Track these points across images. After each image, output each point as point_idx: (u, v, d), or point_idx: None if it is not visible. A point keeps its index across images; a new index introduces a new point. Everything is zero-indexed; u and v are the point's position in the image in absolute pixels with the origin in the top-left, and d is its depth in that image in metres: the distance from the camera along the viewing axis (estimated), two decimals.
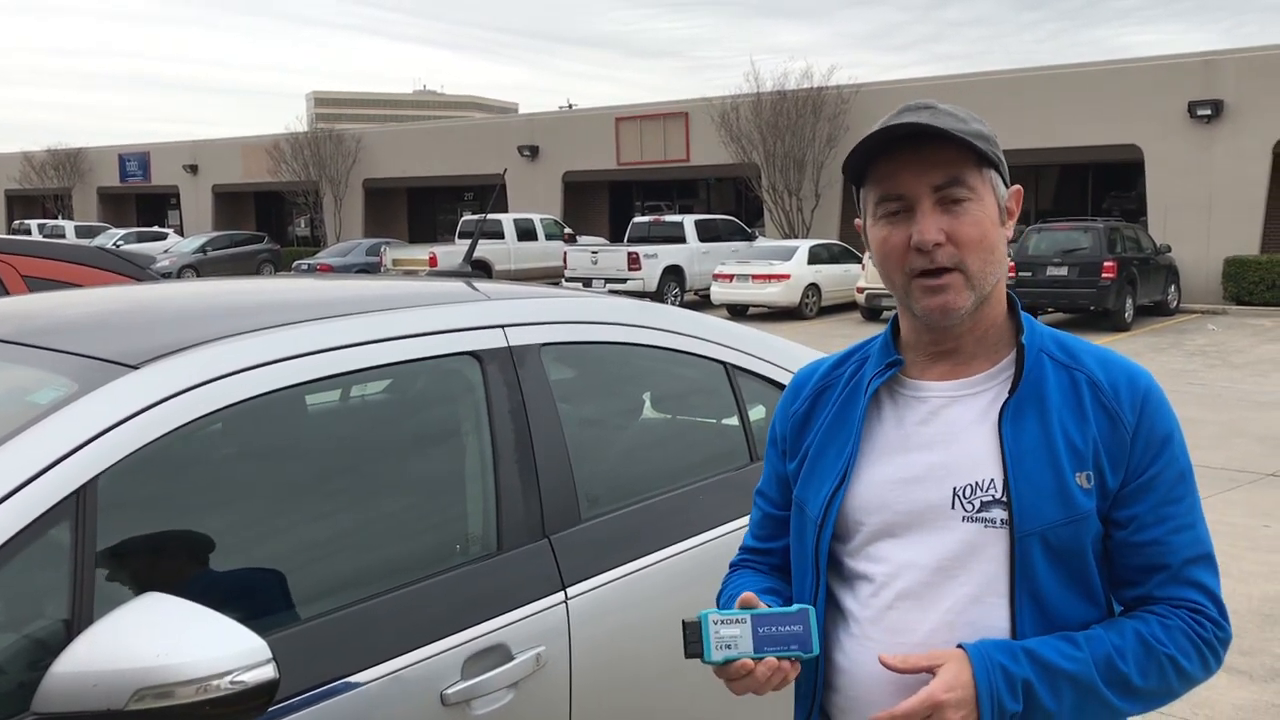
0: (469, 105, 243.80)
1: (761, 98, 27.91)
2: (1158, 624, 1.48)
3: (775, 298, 21.08)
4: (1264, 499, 7.74)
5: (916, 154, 1.48)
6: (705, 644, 1.45)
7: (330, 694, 1.83)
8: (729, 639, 1.45)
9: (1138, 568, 1.50)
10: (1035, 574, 1.47)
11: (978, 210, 1.49)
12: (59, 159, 45.09)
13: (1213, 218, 22.71)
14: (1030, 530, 1.46)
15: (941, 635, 1.49)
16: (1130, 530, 1.49)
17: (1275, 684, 4.64)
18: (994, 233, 1.51)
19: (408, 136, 37.75)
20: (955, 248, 1.48)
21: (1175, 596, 1.49)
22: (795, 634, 1.45)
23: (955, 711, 1.39)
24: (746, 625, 1.45)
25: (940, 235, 1.48)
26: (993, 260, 1.51)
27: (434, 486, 2.22)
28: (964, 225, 1.48)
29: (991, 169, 1.52)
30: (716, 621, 1.46)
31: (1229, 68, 22.64)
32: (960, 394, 1.55)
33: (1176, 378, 13.43)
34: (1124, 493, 1.49)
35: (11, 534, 1.60)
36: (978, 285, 1.50)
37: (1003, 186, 1.55)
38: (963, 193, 1.48)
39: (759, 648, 1.44)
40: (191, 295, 2.43)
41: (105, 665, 1.48)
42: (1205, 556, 1.52)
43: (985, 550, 1.48)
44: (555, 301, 2.57)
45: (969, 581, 1.49)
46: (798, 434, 1.69)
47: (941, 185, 1.48)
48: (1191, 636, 1.48)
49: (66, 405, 1.76)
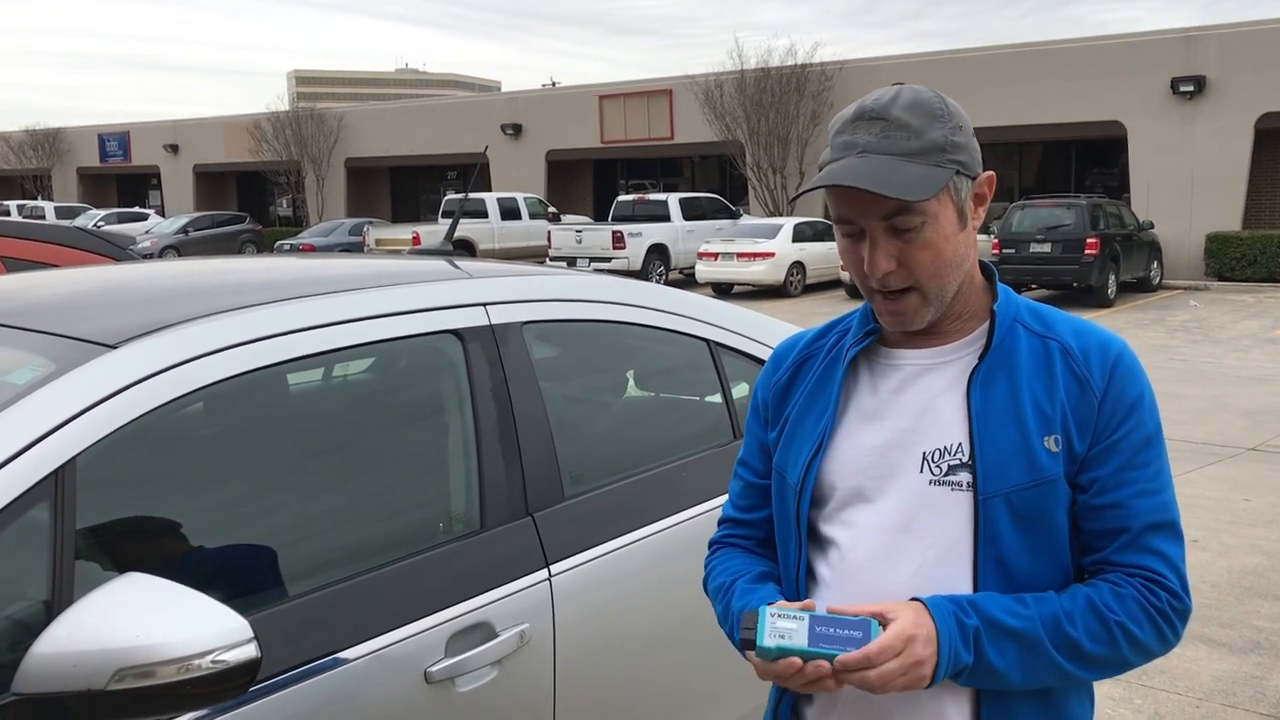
0: (451, 83, 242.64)
1: (745, 75, 27.82)
2: (1109, 591, 1.47)
3: (760, 276, 21.08)
4: (1245, 473, 7.80)
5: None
6: (759, 633, 1.44)
7: (313, 672, 1.83)
8: (784, 630, 1.43)
9: (1097, 532, 1.50)
10: (999, 537, 1.47)
11: (931, 232, 1.48)
12: (37, 139, 44.65)
13: (1195, 194, 22.79)
14: (994, 492, 1.47)
15: (906, 597, 1.49)
16: (1092, 493, 1.49)
17: (1254, 655, 4.69)
18: (949, 246, 1.50)
19: (390, 115, 37.52)
20: (908, 271, 1.49)
21: (1132, 563, 1.48)
22: (854, 638, 1.42)
23: (925, 648, 1.40)
24: (804, 622, 1.44)
25: (890, 264, 1.48)
26: (951, 272, 1.51)
27: (416, 465, 2.21)
28: (915, 250, 1.48)
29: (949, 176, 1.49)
30: (774, 615, 1.45)
31: (1211, 44, 22.67)
32: (933, 362, 1.57)
33: (1159, 353, 13.50)
34: (1089, 455, 1.49)
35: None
36: (935, 300, 1.52)
37: (966, 184, 1.51)
38: (913, 220, 1.47)
39: (813, 643, 1.42)
40: (170, 275, 2.41)
41: (85, 645, 1.47)
42: (1168, 524, 1.50)
43: (950, 513, 1.49)
44: (537, 279, 2.56)
45: (935, 544, 1.50)
46: (779, 403, 1.70)
47: (890, 215, 1.47)
48: (1145, 605, 1.47)
49: (44, 385, 1.75)
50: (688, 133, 30.20)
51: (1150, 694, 4.33)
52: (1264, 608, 5.24)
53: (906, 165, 1.46)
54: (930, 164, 1.47)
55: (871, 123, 1.49)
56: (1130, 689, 4.36)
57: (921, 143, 1.47)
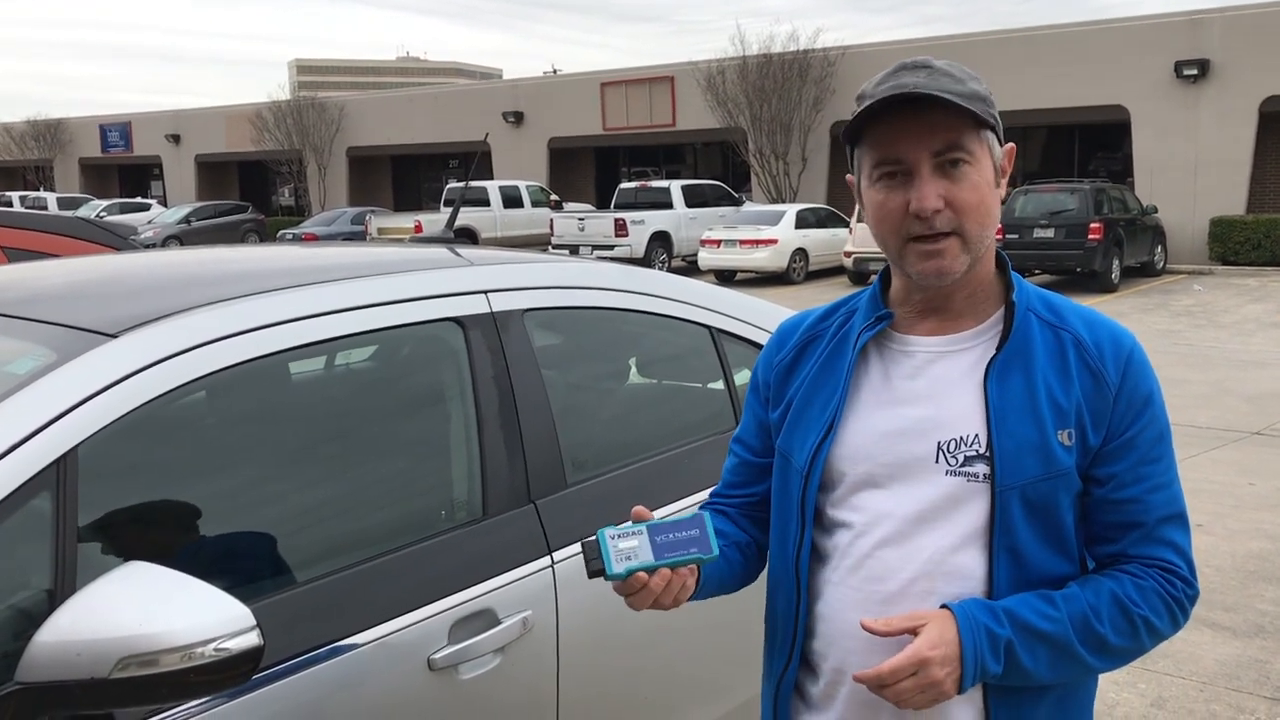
0: (452, 71, 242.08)
1: (748, 61, 27.73)
2: (1131, 584, 1.50)
3: (763, 263, 21.05)
4: (1249, 457, 7.79)
5: (915, 118, 1.47)
6: (605, 560, 1.45)
7: (317, 660, 1.84)
8: (628, 551, 1.46)
9: (1114, 524, 1.53)
10: (1013, 528, 1.49)
11: (975, 174, 1.49)
12: (39, 130, 44.62)
13: (1199, 178, 22.72)
14: (1011, 485, 1.48)
15: (920, 585, 1.51)
16: (1109, 488, 1.51)
17: (1258, 639, 4.70)
18: (990, 195, 1.52)
19: (391, 104, 37.45)
20: (953, 213, 1.49)
21: (1148, 555, 1.52)
22: (693, 538, 1.47)
23: (941, 669, 1.41)
24: (643, 536, 1.47)
25: (939, 202, 1.48)
26: (988, 222, 1.52)
27: (418, 452, 2.21)
28: (963, 190, 1.48)
29: (989, 130, 1.52)
30: (613, 536, 1.47)
31: (1215, 27, 22.57)
32: (947, 350, 1.56)
33: (1163, 338, 13.48)
34: (1104, 451, 1.51)
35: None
36: (973, 248, 1.51)
37: (998, 147, 1.55)
38: (961, 157, 1.48)
39: (659, 555, 1.45)
40: (171, 264, 2.41)
41: (89, 634, 1.47)
42: (1179, 515, 1.54)
43: (966, 503, 1.50)
44: (538, 267, 2.56)
45: (949, 533, 1.51)
46: (782, 383, 1.69)
47: (940, 150, 1.48)
48: (1164, 596, 1.51)
49: (45, 375, 1.75)
50: (690, 119, 30.13)
51: (1154, 678, 4.34)
52: (1268, 591, 5.24)
53: (962, 89, 1.48)
54: (976, 106, 1.49)
55: (915, 70, 1.51)
56: (1134, 673, 4.36)
57: (966, 89, 1.49)
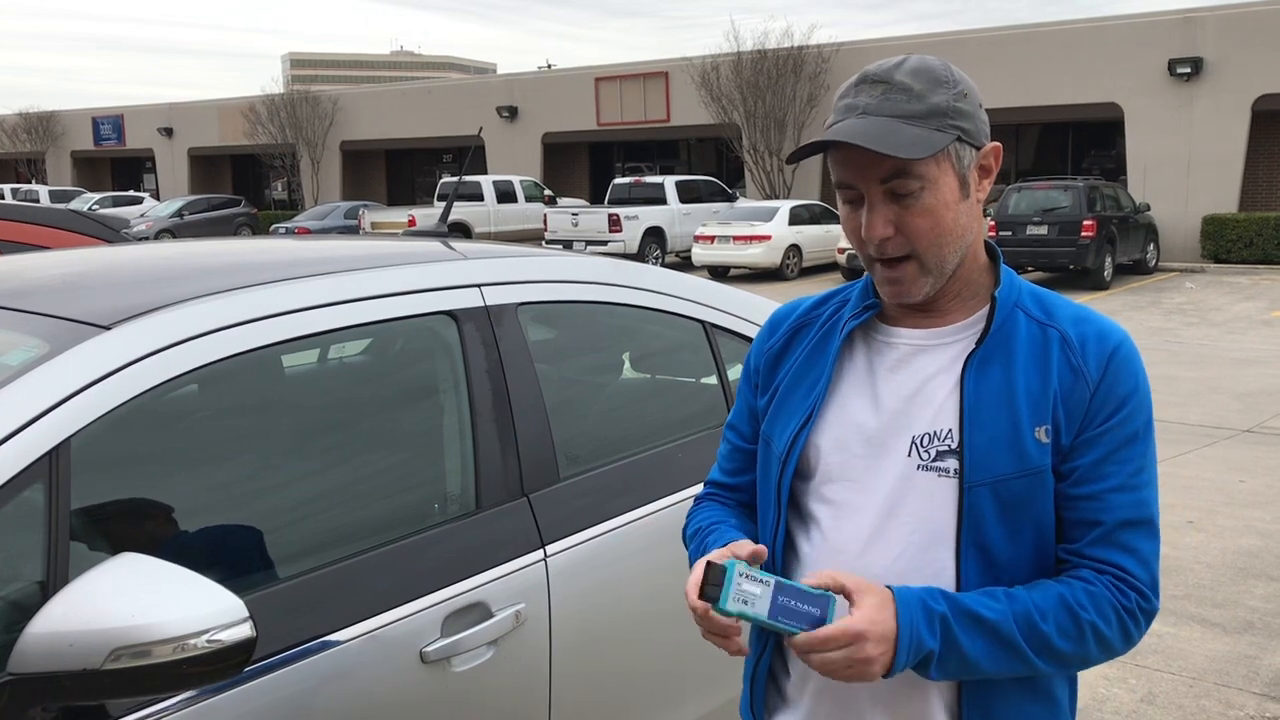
0: (446, 66, 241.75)
1: (742, 57, 27.74)
2: (1082, 589, 1.44)
3: (757, 259, 21.06)
4: (1240, 455, 7.82)
5: (861, 148, 1.43)
6: (725, 593, 1.41)
7: (310, 653, 1.84)
8: (748, 595, 1.40)
9: (1074, 522, 1.47)
10: (983, 525, 1.46)
11: (930, 198, 1.45)
12: (31, 122, 44.47)
13: (1191, 176, 22.77)
14: (980, 481, 1.45)
15: (890, 581, 1.47)
16: (1069, 482, 1.47)
17: (1248, 636, 4.71)
18: (950, 215, 1.47)
19: (385, 98, 37.38)
20: (905, 238, 1.46)
21: (1104, 559, 1.46)
22: (812, 615, 1.39)
23: (875, 647, 1.37)
24: (769, 589, 1.40)
25: (888, 229, 1.46)
26: (951, 242, 1.48)
27: (412, 446, 2.21)
28: (913, 216, 1.45)
29: (956, 141, 1.46)
30: (742, 575, 1.41)
31: (1209, 25, 22.62)
32: (930, 343, 1.55)
33: (1155, 335, 13.52)
34: (1073, 445, 1.47)
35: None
36: (934, 270, 1.49)
37: (970, 152, 1.48)
38: (911, 184, 1.44)
39: (773, 615, 1.39)
40: (164, 256, 2.40)
41: (81, 625, 1.47)
42: (1145, 522, 1.47)
43: (935, 499, 1.48)
44: (532, 261, 2.56)
45: (918, 529, 1.49)
46: (771, 369, 1.69)
47: (888, 178, 1.44)
48: (1115, 605, 1.45)
49: (38, 366, 1.75)
50: (684, 115, 30.12)
51: (1144, 674, 4.35)
52: (1258, 588, 5.26)
53: (904, 126, 1.43)
54: (930, 127, 1.44)
55: (874, 85, 1.47)
56: (1124, 669, 4.38)
57: (923, 106, 1.44)
